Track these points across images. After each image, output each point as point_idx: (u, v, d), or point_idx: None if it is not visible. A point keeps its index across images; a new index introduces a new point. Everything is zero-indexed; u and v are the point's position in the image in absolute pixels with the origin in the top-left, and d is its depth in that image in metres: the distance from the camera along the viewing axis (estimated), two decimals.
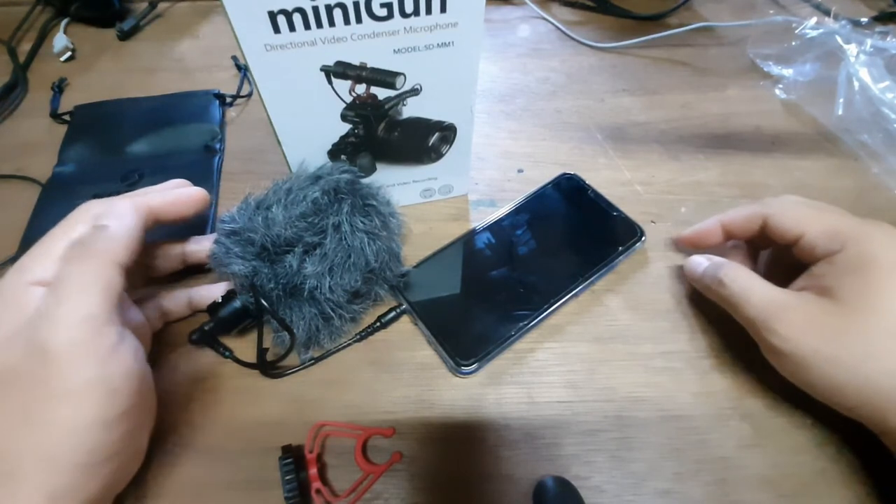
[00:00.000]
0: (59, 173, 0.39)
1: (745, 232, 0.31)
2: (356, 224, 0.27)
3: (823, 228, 0.27)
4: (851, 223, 0.26)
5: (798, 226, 0.27)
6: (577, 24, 0.53)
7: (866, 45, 0.41)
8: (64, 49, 0.49)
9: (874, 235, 0.25)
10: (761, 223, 0.29)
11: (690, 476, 0.27)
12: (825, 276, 0.26)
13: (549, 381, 0.30)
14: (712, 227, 0.32)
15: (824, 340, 0.24)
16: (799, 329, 0.25)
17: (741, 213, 0.31)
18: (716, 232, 0.32)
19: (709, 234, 0.32)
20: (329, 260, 0.27)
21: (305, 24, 0.25)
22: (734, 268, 0.29)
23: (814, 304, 0.25)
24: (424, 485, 0.27)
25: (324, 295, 0.27)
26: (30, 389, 0.20)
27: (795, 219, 0.28)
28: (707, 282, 0.30)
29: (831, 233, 0.26)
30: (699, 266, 0.31)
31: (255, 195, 0.29)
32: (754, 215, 0.30)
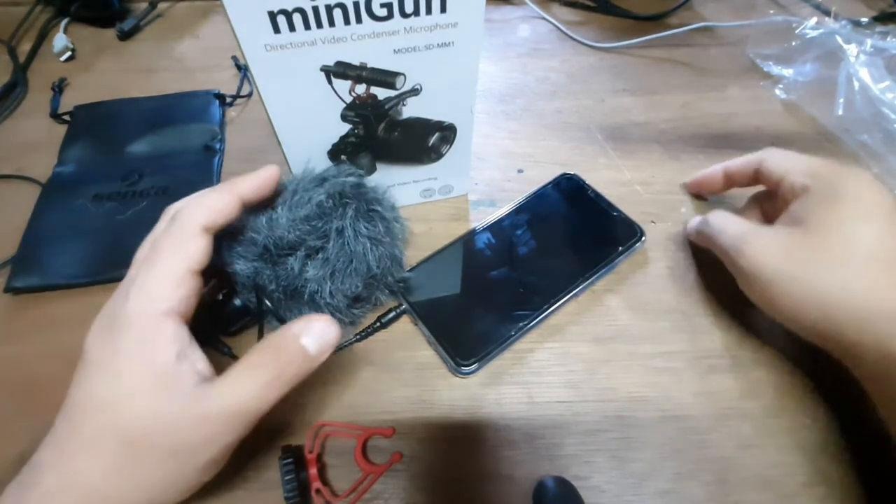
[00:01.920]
0: (59, 173, 0.39)
1: (742, 177, 0.33)
2: (359, 229, 0.27)
3: (802, 168, 0.29)
4: (825, 163, 0.29)
5: (781, 167, 0.30)
6: (577, 24, 0.53)
7: (866, 45, 0.41)
8: (64, 49, 0.49)
9: (845, 173, 0.28)
10: (755, 168, 0.32)
11: (690, 476, 0.27)
12: (798, 210, 0.28)
13: (549, 381, 0.30)
14: (715, 171, 0.35)
15: (787, 261, 0.26)
16: (764, 251, 0.27)
17: (741, 159, 0.34)
18: (717, 177, 0.35)
19: (712, 177, 0.35)
20: (331, 265, 0.27)
21: (305, 24, 0.24)
22: (719, 212, 0.32)
23: (782, 232, 0.28)
24: (424, 485, 0.27)
25: (324, 299, 0.27)
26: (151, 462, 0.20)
27: (781, 162, 0.30)
28: (699, 226, 0.33)
29: (809, 172, 0.29)
30: (694, 220, 0.34)
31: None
32: (751, 160, 0.33)
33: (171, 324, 0.21)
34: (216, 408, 0.20)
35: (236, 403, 0.21)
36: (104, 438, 0.20)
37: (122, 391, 0.20)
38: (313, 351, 0.22)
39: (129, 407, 0.20)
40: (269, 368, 0.22)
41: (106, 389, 0.20)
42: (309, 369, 0.22)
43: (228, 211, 0.24)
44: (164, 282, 0.22)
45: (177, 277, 0.22)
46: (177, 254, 0.22)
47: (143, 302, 0.21)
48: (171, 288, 0.22)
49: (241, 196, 0.25)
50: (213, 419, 0.20)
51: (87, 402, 0.21)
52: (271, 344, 0.22)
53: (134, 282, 0.22)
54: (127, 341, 0.21)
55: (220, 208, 0.24)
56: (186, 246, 0.22)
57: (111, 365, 0.21)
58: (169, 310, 0.21)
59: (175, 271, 0.22)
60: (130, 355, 0.21)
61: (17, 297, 0.33)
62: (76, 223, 0.36)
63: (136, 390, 0.20)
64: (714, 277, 0.32)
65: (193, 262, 0.22)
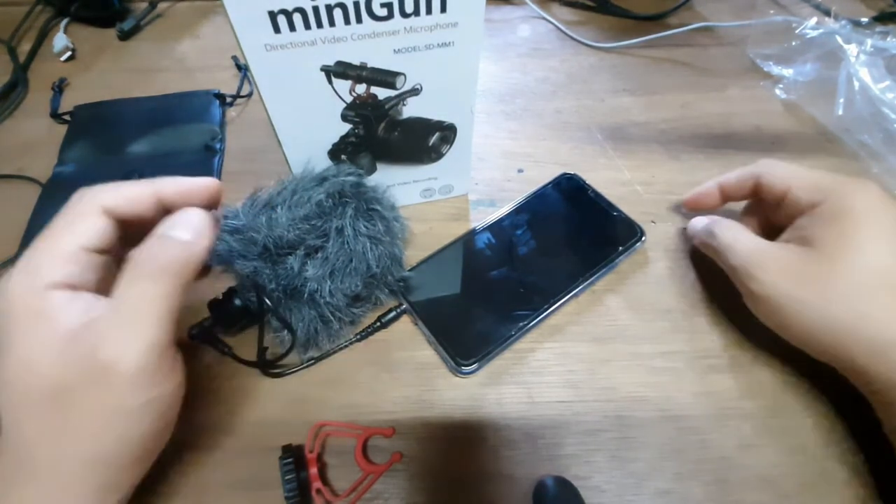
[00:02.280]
0: (59, 173, 0.39)
1: (739, 192, 0.32)
2: (359, 228, 0.27)
3: (807, 183, 0.28)
4: (833, 178, 0.28)
5: (784, 181, 0.29)
6: (577, 24, 0.53)
7: (866, 45, 0.41)
8: (64, 49, 0.49)
9: (853, 189, 0.27)
10: (754, 183, 0.31)
11: (690, 476, 0.27)
12: (806, 228, 0.27)
13: (549, 381, 0.30)
14: (710, 188, 0.34)
15: (797, 284, 0.26)
16: (774, 274, 0.26)
17: (735, 174, 0.32)
18: (713, 193, 0.34)
19: (707, 195, 0.34)
20: (330, 264, 0.27)
21: (305, 23, 0.25)
22: (726, 222, 0.31)
23: (792, 253, 0.27)
24: (424, 485, 0.27)
25: (323, 298, 0.27)
26: (85, 406, 0.20)
27: (782, 176, 0.29)
28: (703, 236, 0.32)
29: (814, 187, 0.28)
30: (699, 223, 0.33)
31: (260, 193, 0.29)
32: (747, 175, 0.31)
33: (59, 293, 0.21)
34: (109, 317, 0.20)
35: (127, 305, 0.20)
36: (27, 408, 0.20)
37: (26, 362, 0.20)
38: (186, 236, 0.22)
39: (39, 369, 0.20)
40: (145, 264, 0.21)
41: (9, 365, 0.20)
42: (193, 255, 0.22)
43: (138, 201, 0.23)
44: (51, 258, 0.21)
45: (65, 253, 0.21)
46: (67, 230, 0.22)
47: (26, 279, 0.21)
48: (59, 264, 0.21)
49: (159, 193, 0.24)
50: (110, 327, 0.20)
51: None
52: (142, 247, 0.21)
53: (19, 261, 0.21)
54: (14, 319, 0.20)
55: (129, 195, 0.23)
56: (79, 223, 0.22)
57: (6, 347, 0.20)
58: (55, 283, 0.21)
59: (64, 247, 0.21)
60: (22, 331, 0.20)
61: None
62: None
63: (40, 354, 0.20)
64: (714, 277, 0.32)
65: (86, 239, 0.22)
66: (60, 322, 0.20)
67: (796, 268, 0.26)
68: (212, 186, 0.25)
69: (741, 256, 0.28)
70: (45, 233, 0.22)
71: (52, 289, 0.21)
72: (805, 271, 0.26)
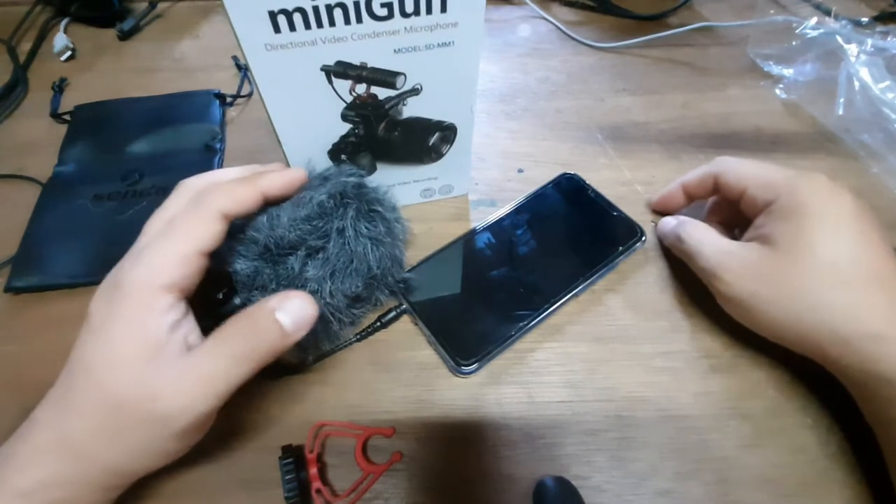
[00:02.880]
0: (59, 173, 0.39)
1: (701, 191, 0.33)
2: (360, 229, 0.27)
3: (760, 181, 0.29)
4: (784, 174, 0.29)
5: (741, 181, 0.30)
6: (577, 24, 0.53)
7: (867, 44, 0.41)
8: (64, 49, 0.49)
9: (803, 183, 0.27)
10: (713, 181, 0.32)
11: (690, 476, 0.27)
12: (764, 226, 0.28)
13: (549, 381, 0.30)
14: (675, 190, 0.35)
15: (761, 283, 0.27)
16: (739, 274, 0.27)
17: (696, 174, 0.33)
18: (678, 194, 0.35)
19: (673, 196, 0.35)
20: (331, 264, 0.27)
21: (306, 23, 0.24)
22: (692, 224, 0.32)
23: (753, 251, 0.28)
24: (424, 485, 0.27)
25: (324, 299, 0.27)
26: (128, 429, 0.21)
27: (738, 175, 0.30)
28: (671, 239, 0.33)
29: (767, 184, 0.29)
30: (667, 225, 0.34)
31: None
32: (706, 175, 0.32)
33: (168, 296, 0.22)
34: (187, 379, 0.21)
35: (207, 375, 0.21)
36: (92, 401, 0.21)
37: (112, 357, 0.21)
38: (289, 327, 0.23)
39: (116, 373, 0.21)
40: (243, 341, 0.22)
41: (98, 354, 0.21)
42: (283, 345, 0.23)
43: (251, 204, 0.25)
44: (171, 258, 0.22)
45: (184, 256, 0.22)
46: (192, 234, 0.23)
47: (145, 273, 0.22)
48: (176, 265, 0.22)
49: (266, 192, 0.25)
50: (184, 389, 0.21)
51: (81, 365, 0.22)
52: (247, 316, 0.23)
53: (142, 252, 0.22)
54: (124, 308, 0.21)
55: (244, 200, 0.24)
56: (203, 228, 0.23)
57: (106, 331, 0.21)
58: (169, 284, 0.22)
59: (185, 250, 0.22)
60: (126, 323, 0.21)
61: (17, 297, 0.33)
62: (76, 223, 0.36)
63: (126, 357, 0.21)
64: None
65: (205, 244, 0.23)
66: (157, 331, 0.21)
67: (758, 267, 0.27)
68: (303, 177, 0.27)
69: (707, 259, 0.29)
70: (169, 230, 0.23)
71: (165, 290, 0.22)
72: (767, 270, 0.27)
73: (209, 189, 0.24)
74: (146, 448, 0.22)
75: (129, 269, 0.22)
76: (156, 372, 0.21)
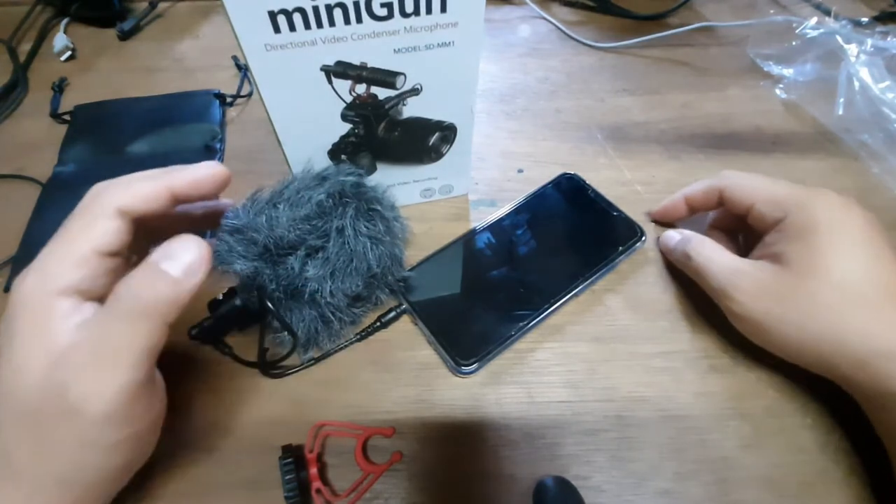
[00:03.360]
0: (59, 173, 0.39)
1: (705, 204, 0.33)
2: (360, 228, 0.27)
3: (769, 198, 0.29)
4: (794, 191, 0.28)
5: (748, 197, 0.30)
6: (577, 24, 0.53)
7: (867, 44, 0.41)
8: (64, 49, 0.49)
9: (814, 201, 0.27)
10: (718, 195, 0.32)
11: (690, 476, 0.27)
12: (775, 244, 0.28)
13: (549, 381, 0.30)
14: (678, 201, 0.34)
15: (774, 303, 0.26)
16: (752, 294, 0.27)
17: (700, 187, 0.33)
18: (681, 206, 0.34)
19: (675, 208, 0.35)
20: (331, 264, 0.27)
21: (306, 23, 0.24)
22: (699, 241, 0.31)
23: (766, 270, 0.27)
24: (424, 485, 0.27)
25: (324, 299, 0.27)
26: (57, 435, 0.20)
27: (744, 190, 0.30)
28: (677, 255, 0.32)
29: (776, 201, 0.28)
30: (671, 240, 0.33)
31: (261, 193, 0.29)
32: (711, 188, 0.32)
33: (66, 300, 0.20)
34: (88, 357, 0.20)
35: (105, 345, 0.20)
36: (10, 418, 0.20)
37: (16, 369, 0.20)
38: (178, 273, 0.20)
39: (24, 382, 0.20)
40: (130, 301, 0.20)
41: (4, 370, 0.20)
42: (179, 293, 0.21)
43: (152, 199, 0.23)
44: (63, 261, 0.21)
45: (78, 257, 0.21)
46: (82, 233, 0.21)
47: (36, 280, 0.21)
48: (71, 268, 0.21)
49: (171, 188, 0.23)
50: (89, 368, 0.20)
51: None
52: (128, 277, 0.21)
53: (35, 259, 0.21)
54: (20, 322, 0.20)
55: (143, 194, 0.22)
56: (94, 226, 0.21)
57: (8, 347, 0.20)
58: (65, 288, 0.20)
59: (77, 251, 0.21)
60: (25, 334, 0.20)
61: None
62: None
63: (31, 365, 0.20)
64: None
65: (99, 243, 0.21)
66: (59, 335, 0.20)
67: (771, 286, 0.27)
68: (219, 174, 0.25)
69: (718, 278, 0.29)
70: (59, 234, 0.22)
71: (61, 295, 0.20)
72: (780, 290, 0.26)
73: (105, 186, 0.23)
74: (79, 448, 0.20)
75: (20, 280, 0.21)
76: (63, 368, 0.20)
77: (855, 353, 0.24)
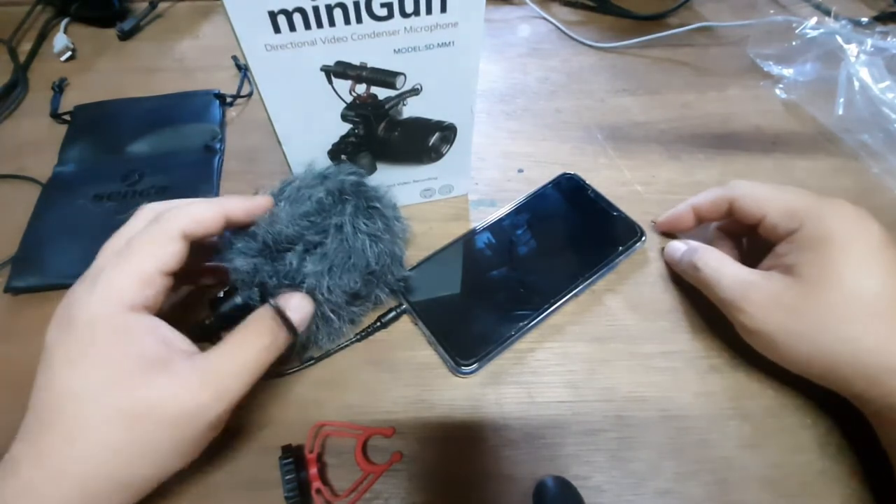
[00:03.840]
0: (59, 173, 0.39)
1: (713, 214, 0.32)
2: (359, 226, 0.27)
3: (782, 208, 0.28)
4: (808, 201, 0.28)
5: (760, 207, 0.29)
6: (577, 24, 0.53)
7: (866, 44, 0.41)
8: (64, 49, 0.49)
9: (829, 212, 0.27)
10: (728, 206, 0.31)
11: (690, 476, 0.27)
12: (787, 255, 0.27)
13: (549, 381, 0.30)
14: (684, 211, 0.33)
15: (787, 316, 0.26)
16: (764, 307, 0.26)
17: (709, 197, 0.32)
18: (688, 216, 0.33)
19: (682, 218, 0.34)
20: (329, 260, 0.27)
21: (306, 23, 0.24)
22: (707, 252, 0.30)
23: (778, 282, 0.27)
24: (424, 485, 0.27)
25: (322, 295, 0.27)
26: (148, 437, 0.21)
27: (757, 200, 0.29)
28: (684, 266, 0.32)
29: (789, 212, 0.28)
30: (677, 251, 0.33)
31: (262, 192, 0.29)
32: (720, 198, 0.31)
33: (140, 316, 0.22)
34: (223, 366, 0.22)
35: (242, 361, 0.23)
36: (96, 424, 0.21)
37: (108, 378, 0.21)
38: (296, 321, 0.24)
39: (120, 389, 0.21)
40: (267, 333, 0.24)
41: (88, 379, 0.21)
42: (293, 338, 0.25)
43: (211, 223, 0.25)
44: (132, 279, 0.22)
45: (145, 276, 0.22)
46: (151, 254, 0.23)
47: (108, 297, 0.22)
48: (138, 286, 0.22)
49: (228, 214, 0.25)
50: (222, 377, 0.22)
51: (62, 395, 0.21)
52: (256, 318, 0.24)
53: (100, 276, 0.22)
54: (98, 335, 0.21)
55: (203, 219, 0.24)
56: (162, 248, 0.23)
57: (89, 359, 0.21)
58: (136, 305, 0.22)
59: (145, 270, 0.22)
60: (107, 347, 0.21)
61: (17, 297, 0.33)
62: (76, 223, 0.36)
63: (126, 373, 0.21)
64: None
65: (165, 264, 0.23)
66: (145, 345, 0.21)
67: (784, 299, 0.26)
68: (267, 205, 0.27)
69: (728, 290, 0.28)
70: (126, 252, 0.23)
71: (132, 311, 0.22)
72: (793, 302, 0.26)
73: (170, 209, 0.24)
74: (164, 453, 0.22)
75: (86, 295, 0.22)
76: (167, 378, 0.21)
77: (867, 368, 0.24)
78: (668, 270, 0.34)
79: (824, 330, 0.25)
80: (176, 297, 0.31)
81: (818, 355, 0.25)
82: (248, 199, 0.26)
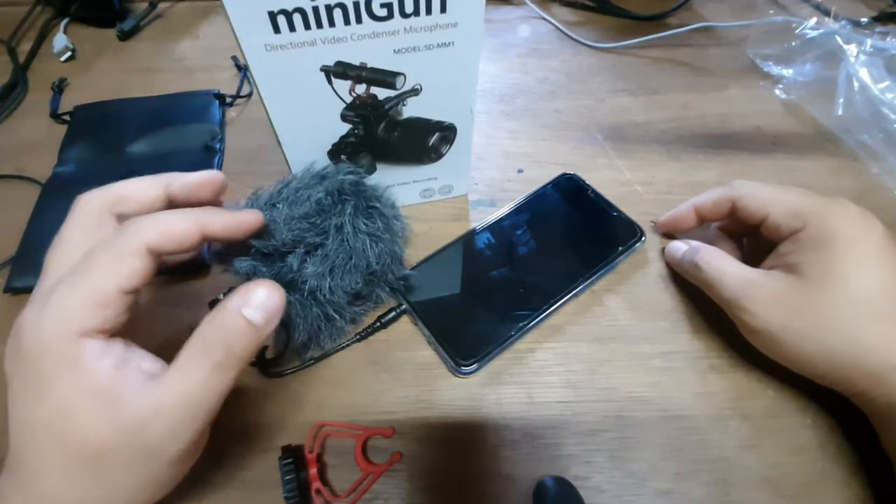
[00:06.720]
0: (59, 173, 0.39)
1: (715, 214, 0.32)
2: (359, 226, 0.27)
3: (786, 208, 0.28)
4: (812, 201, 0.27)
5: (763, 207, 0.29)
6: (577, 24, 0.53)
7: (866, 45, 0.41)
8: (64, 49, 0.49)
9: (833, 212, 0.27)
10: (730, 206, 0.31)
11: (690, 476, 0.27)
12: (790, 254, 0.27)
13: (549, 381, 0.30)
14: (686, 211, 0.33)
15: (790, 315, 0.26)
16: (767, 306, 0.26)
17: (711, 197, 0.32)
18: (689, 216, 0.33)
19: (683, 218, 0.33)
20: (330, 261, 0.27)
21: (305, 24, 0.24)
22: (708, 252, 0.30)
23: (781, 282, 0.27)
24: (424, 485, 0.27)
25: (324, 296, 0.27)
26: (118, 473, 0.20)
27: (760, 200, 0.29)
28: (685, 266, 0.32)
29: (793, 212, 0.27)
30: (678, 251, 0.33)
31: (261, 192, 0.29)
32: (723, 198, 0.31)
33: (92, 342, 0.20)
34: (168, 400, 0.19)
35: (189, 391, 0.20)
36: (58, 458, 0.19)
37: (68, 411, 0.19)
38: (258, 321, 0.21)
39: (82, 423, 0.19)
40: (216, 349, 0.20)
41: (51, 411, 0.19)
42: (258, 341, 0.21)
43: (183, 238, 0.21)
44: (85, 302, 0.19)
45: (101, 297, 0.20)
46: (110, 271, 0.20)
47: (57, 322, 0.19)
48: (91, 309, 0.20)
49: (205, 230, 0.22)
50: (167, 411, 0.19)
51: (33, 426, 0.20)
52: (212, 322, 0.21)
53: (51, 296, 0.20)
54: (48, 364, 0.19)
55: (174, 233, 0.21)
56: (123, 264, 0.20)
57: (38, 388, 0.19)
58: (87, 330, 0.20)
59: (101, 290, 0.20)
60: (58, 377, 0.19)
61: (17, 297, 0.33)
62: None
63: (83, 407, 0.19)
64: None
65: (126, 282, 0.20)
66: (94, 376, 0.19)
67: (787, 298, 0.26)
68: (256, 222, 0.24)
69: (731, 289, 0.28)
70: (81, 268, 0.20)
71: (86, 337, 0.20)
72: (796, 302, 0.26)
73: (137, 219, 0.21)
74: (138, 482, 0.20)
75: (35, 320, 0.20)
76: (129, 407, 0.19)
77: (870, 366, 0.24)
78: (668, 270, 0.34)
79: (827, 329, 0.25)
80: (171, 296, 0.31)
81: (821, 354, 0.25)
82: (230, 214, 0.23)
